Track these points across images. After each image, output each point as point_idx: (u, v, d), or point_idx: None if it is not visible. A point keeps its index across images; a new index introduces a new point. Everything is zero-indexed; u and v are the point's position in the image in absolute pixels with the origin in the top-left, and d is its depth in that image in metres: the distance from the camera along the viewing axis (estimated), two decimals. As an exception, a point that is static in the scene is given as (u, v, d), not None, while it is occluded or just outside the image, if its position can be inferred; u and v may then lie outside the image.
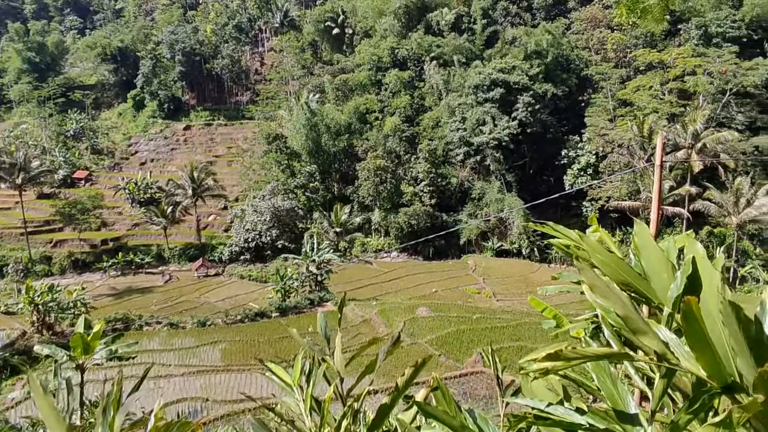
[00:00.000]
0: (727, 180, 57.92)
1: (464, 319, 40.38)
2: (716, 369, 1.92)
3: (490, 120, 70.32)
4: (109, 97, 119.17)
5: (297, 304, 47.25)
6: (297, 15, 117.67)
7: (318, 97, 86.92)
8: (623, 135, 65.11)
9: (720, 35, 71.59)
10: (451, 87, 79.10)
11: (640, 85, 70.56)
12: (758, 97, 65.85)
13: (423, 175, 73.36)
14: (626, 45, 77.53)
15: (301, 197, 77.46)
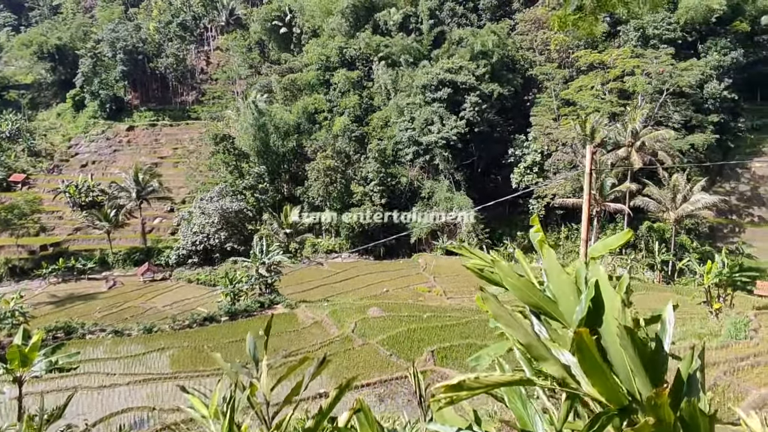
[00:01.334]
0: (664, 177, 60.11)
1: (415, 318, 40.63)
2: (612, 392, 1.99)
3: (438, 120, 71.04)
4: (47, 97, 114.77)
5: (247, 307, 46.56)
6: (243, 13, 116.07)
7: (266, 96, 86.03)
8: (567, 134, 66.78)
9: (657, 37, 74.21)
10: (400, 87, 79.52)
11: (582, 85, 72.49)
12: (693, 96, 68.56)
13: (373, 174, 73.49)
14: (569, 46, 79.48)
15: (250, 198, 76.43)
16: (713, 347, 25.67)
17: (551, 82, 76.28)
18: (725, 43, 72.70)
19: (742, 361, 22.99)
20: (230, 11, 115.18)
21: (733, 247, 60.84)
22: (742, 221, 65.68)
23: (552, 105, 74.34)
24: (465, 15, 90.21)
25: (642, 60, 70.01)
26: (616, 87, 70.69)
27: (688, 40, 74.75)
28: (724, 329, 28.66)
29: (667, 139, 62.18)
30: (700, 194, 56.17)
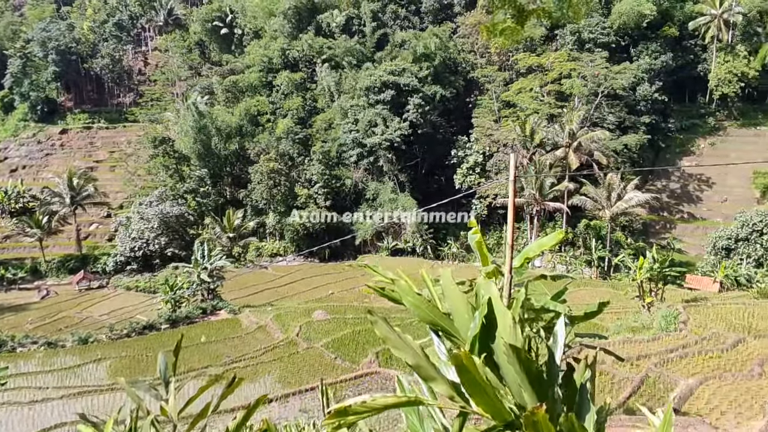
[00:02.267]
0: (600, 176, 62.17)
1: (360, 320, 40.66)
2: (495, 409, 2.05)
3: (382, 121, 71.30)
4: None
5: (188, 314, 45.57)
6: (183, 13, 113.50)
7: (207, 98, 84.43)
8: (508, 135, 68.21)
9: (592, 41, 76.67)
10: (343, 89, 79.41)
11: (521, 87, 74.16)
12: (626, 98, 71.16)
13: (317, 177, 73.16)
14: (508, 49, 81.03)
15: (192, 202, 74.75)
16: (645, 340, 26.70)
17: (492, 84, 77.71)
18: (656, 47, 75.76)
19: (671, 352, 23.98)
20: (169, 11, 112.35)
21: (665, 243, 63.45)
22: (673, 218, 68.62)
23: (493, 107, 75.78)
24: (407, 18, 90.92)
25: (578, 63, 72.21)
26: (554, 89, 72.65)
27: (622, 44, 77.53)
28: (656, 322, 29.85)
29: (602, 139, 64.33)
30: (633, 192, 58.38)
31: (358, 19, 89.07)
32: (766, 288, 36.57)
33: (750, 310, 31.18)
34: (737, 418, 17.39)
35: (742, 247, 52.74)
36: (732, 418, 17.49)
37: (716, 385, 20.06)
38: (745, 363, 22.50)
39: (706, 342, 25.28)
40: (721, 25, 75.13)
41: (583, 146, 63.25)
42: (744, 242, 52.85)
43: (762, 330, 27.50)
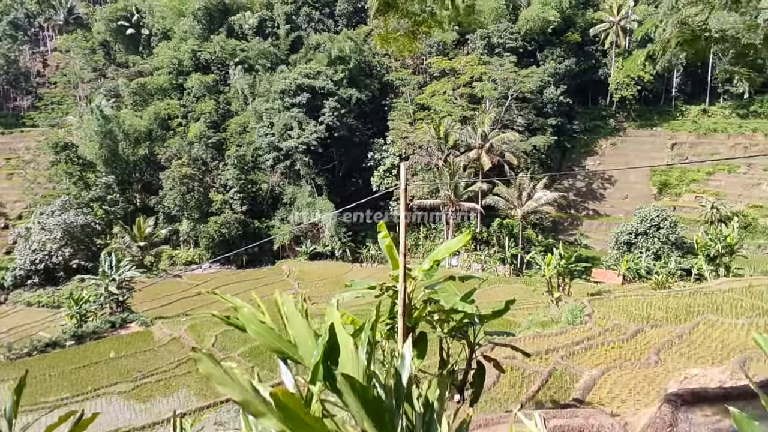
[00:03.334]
0: (512, 176, 64.30)
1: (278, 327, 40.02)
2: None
3: (298, 125, 70.70)
4: None
5: (96, 328, 43.26)
6: (84, 12, 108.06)
7: (113, 101, 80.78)
8: (423, 137, 69.29)
9: (501, 45, 79.28)
10: (258, 92, 78.13)
11: (435, 90, 75.61)
12: (534, 101, 74.06)
13: (232, 182, 71.56)
14: (422, 53, 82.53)
15: (99, 211, 71.16)
16: (553, 333, 27.75)
17: (407, 87, 78.80)
18: (560, 52, 79.33)
19: (577, 345, 25.04)
20: (69, 9, 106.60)
21: (573, 239, 66.51)
22: (580, 215, 72.01)
23: (408, 109, 76.79)
24: (322, 20, 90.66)
25: (488, 67, 74.44)
26: (466, 92, 74.52)
27: (529, 48, 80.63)
28: (563, 316, 31.14)
29: (512, 141, 66.53)
30: (542, 192, 60.74)
31: (271, 21, 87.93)
32: (662, 279, 39.04)
33: (648, 301, 33.08)
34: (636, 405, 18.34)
35: (641, 241, 55.99)
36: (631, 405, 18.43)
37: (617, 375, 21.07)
38: (644, 352, 23.80)
39: (609, 333, 26.56)
40: (619, 32, 79.71)
41: (494, 147, 65.20)
42: (643, 236, 56.12)
43: (659, 319, 29.22)
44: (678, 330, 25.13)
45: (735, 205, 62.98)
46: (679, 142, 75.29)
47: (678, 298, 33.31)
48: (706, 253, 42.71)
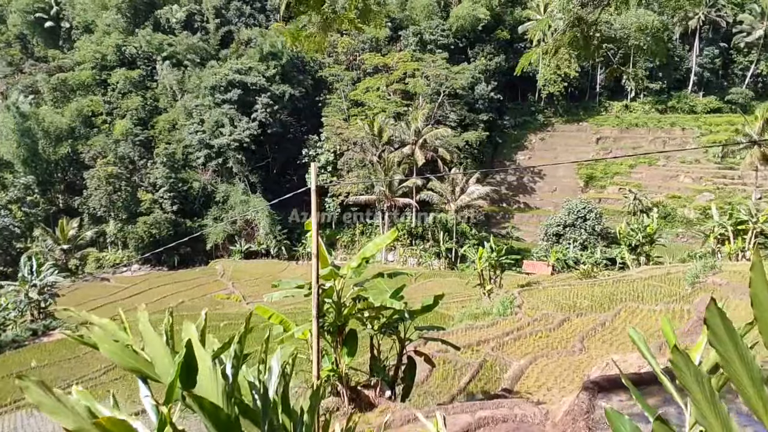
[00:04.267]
0: (445, 171, 65.22)
1: (211, 328, 39.17)
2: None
3: (229, 121, 69.36)
4: None
5: (15, 337, 41.18)
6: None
7: (32, 98, 76.75)
8: (357, 133, 69.27)
9: (433, 42, 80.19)
10: (187, 88, 76.11)
11: (369, 86, 75.74)
12: (466, 97, 75.34)
13: (162, 180, 69.45)
14: (355, 49, 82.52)
15: (18, 213, 67.57)
16: (485, 325, 28.35)
17: (340, 83, 78.58)
18: (490, 49, 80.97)
19: (507, 335, 25.67)
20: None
21: (505, 232, 68.17)
22: (511, 208, 73.87)
23: (342, 105, 76.60)
24: (253, 15, 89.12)
25: (421, 63, 75.18)
26: (400, 88, 75.03)
27: (460, 45, 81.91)
28: (495, 308, 31.85)
29: (446, 136, 67.48)
30: (474, 186, 61.94)
31: (200, 15, 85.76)
32: (588, 269, 40.60)
33: (575, 290, 34.28)
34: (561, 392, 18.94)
35: (569, 233, 58.01)
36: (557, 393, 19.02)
37: (544, 363, 21.71)
38: (569, 340, 24.63)
39: (537, 323, 27.35)
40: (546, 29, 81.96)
41: (428, 143, 65.94)
42: (571, 228, 58.16)
43: (584, 308, 30.32)
44: (601, 317, 26.14)
45: (655, 196, 66.11)
46: (604, 136, 78.37)
47: (602, 286, 34.70)
48: (628, 242, 44.71)
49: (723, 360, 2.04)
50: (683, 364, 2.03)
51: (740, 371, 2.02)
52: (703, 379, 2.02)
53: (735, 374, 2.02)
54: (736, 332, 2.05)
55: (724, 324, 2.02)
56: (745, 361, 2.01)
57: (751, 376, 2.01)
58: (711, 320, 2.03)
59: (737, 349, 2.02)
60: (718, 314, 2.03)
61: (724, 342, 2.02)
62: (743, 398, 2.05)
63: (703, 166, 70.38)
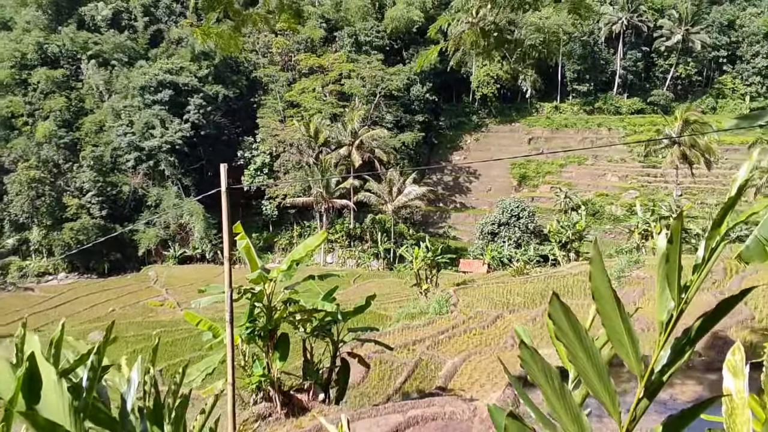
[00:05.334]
0: (382, 172, 65.54)
1: (143, 336, 38.00)
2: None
3: (160, 123, 67.43)
4: None
5: (-71, 353, 38.66)
6: None
7: (-56, 98, 72.34)
8: (293, 135, 68.65)
9: (368, 44, 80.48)
10: (115, 88, 73.50)
11: (304, 87, 75.23)
12: (402, 98, 76.00)
13: (89, 184, 66.75)
14: (290, 49, 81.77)
15: (-70, 221, 63.65)
16: (421, 325, 28.63)
17: (275, 84, 77.69)
18: (425, 51, 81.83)
19: (442, 334, 26.00)
20: None
21: (442, 232, 69.13)
22: (448, 208, 75.01)
23: (277, 107, 75.77)
24: (183, 14, 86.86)
25: (357, 64, 75.31)
26: (336, 89, 74.91)
27: (395, 47, 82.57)
28: (431, 307, 32.23)
29: (382, 137, 67.84)
30: (411, 187, 62.55)
31: (127, 13, 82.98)
32: (521, 267, 41.69)
33: (508, 287, 35.09)
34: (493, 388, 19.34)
35: (503, 231, 59.37)
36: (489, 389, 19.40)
37: (477, 360, 22.11)
38: (502, 336, 25.19)
39: (471, 321, 27.83)
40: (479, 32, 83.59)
41: (365, 144, 66.07)
42: (505, 226, 59.54)
43: (516, 305, 31.08)
44: (533, 313, 26.84)
45: (585, 194, 68.56)
46: (536, 136, 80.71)
47: (534, 283, 35.65)
48: (559, 239, 46.20)
49: (570, 354, 2.11)
50: (530, 359, 2.08)
51: (586, 364, 2.10)
52: (551, 374, 2.08)
53: (581, 367, 2.10)
54: (580, 326, 2.12)
55: (567, 318, 2.09)
56: (589, 354, 2.09)
57: (597, 369, 2.09)
58: (554, 315, 2.10)
59: (582, 343, 2.09)
60: (561, 308, 2.10)
61: (569, 336, 2.10)
62: (591, 391, 2.14)
63: (628, 165, 73.52)
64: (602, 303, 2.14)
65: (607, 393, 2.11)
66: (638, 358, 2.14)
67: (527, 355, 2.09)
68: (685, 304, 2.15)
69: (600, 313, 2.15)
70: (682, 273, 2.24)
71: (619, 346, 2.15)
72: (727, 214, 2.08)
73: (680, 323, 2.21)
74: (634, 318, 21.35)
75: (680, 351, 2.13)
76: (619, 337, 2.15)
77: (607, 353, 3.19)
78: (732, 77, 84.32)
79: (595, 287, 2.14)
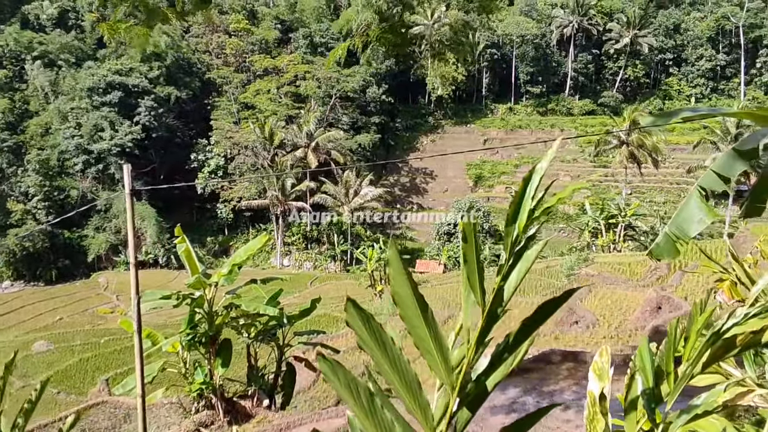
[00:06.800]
0: (338, 174, 65.30)
1: (91, 345, 36.94)
2: None
3: (110, 125, 65.66)
4: None
5: None
6: None
7: None
8: (248, 137, 67.81)
9: (323, 45, 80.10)
10: (62, 90, 71.26)
11: (259, 89, 74.37)
12: (357, 100, 75.89)
13: (35, 189, 64.47)
14: (244, 50, 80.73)
15: None
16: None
17: (229, 85, 76.60)
18: (380, 53, 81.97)
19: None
20: None
21: (399, 233, 69.23)
22: (405, 209, 75.19)
23: (232, 108, 74.73)
24: (133, 14, 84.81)
25: (312, 66, 74.86)
26: (291, 91, 74.31)
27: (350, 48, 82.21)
28: (385, 308, 32.22)
29: (338, 139, 67.66)
30: (368, 188, 62.49)
31: (74, 13, 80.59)
32: (475, 266, 41.99)
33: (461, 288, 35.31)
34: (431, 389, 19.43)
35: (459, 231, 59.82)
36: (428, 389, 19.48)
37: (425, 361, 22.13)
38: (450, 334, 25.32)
39: (424, 321, 27.90)
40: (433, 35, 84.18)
41: (320, 146, 65.75)
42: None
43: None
44: (484, 312, 27.10)
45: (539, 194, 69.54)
46: (491, 137, 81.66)
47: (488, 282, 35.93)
48: (512, 239, 46.67)
49: (376, 365, 2.04)
50: (330, 371, 2.00)
51: (393, 377, 2.02)
52: (357, 386, 2.00)
53: (388, 377, 2.03)
54: (385, 335, 2.05)
55: (367, 326, 2.02)
56: (396, 365, 2.02)
57: (405, 380, 2.01)
58: (353, 323, 2.01)
59: (387, 353, 2.02)
60: (358, 316, 2.02)
61: (371, 346, 2.01)
62: (404, 403, 2.05)
63: (580, 165, 75.08)
64: (405, 309, 2.06)
65: (418, 406, 2.03)
66: (449, 368, 2.07)
67: (327, 369, 1.99)
68: (498, 310, 2.08)
69: (404, 320, 2.09)
70: (484, 275, 2.18)
71: (428, 355, 2.08)
72: (522, 207, 2.03)
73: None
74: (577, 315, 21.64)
75: (499, 359, 2.08)
76: (426, 345, 2.08)
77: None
78: (678, 79, 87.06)
79: (395, 291, 2.06)
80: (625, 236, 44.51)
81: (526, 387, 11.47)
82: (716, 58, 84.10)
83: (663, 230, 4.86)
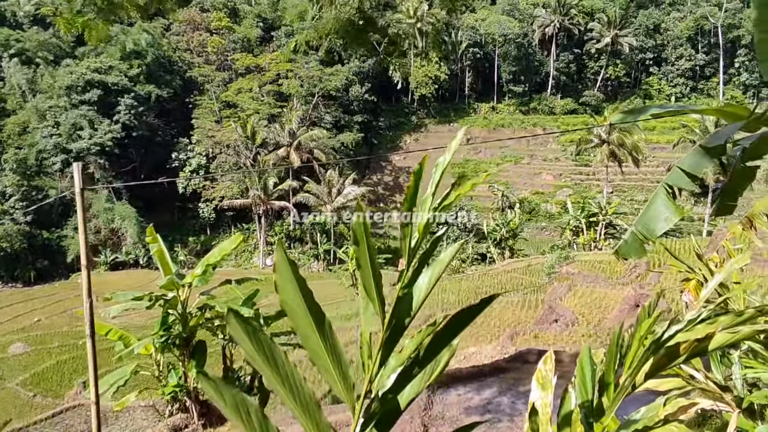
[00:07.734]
0: (321, 173, 65.06)
1: (69, 347, 36.48)
2: None
3: (89, 124, 64.78)
4: None
5: None
6: None
7: None
8: (230, 136, 67.30)
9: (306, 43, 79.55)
10: (39, 88, 70.21)
11: (241, 87, 73.85)
12: (340, 99, 75.63)
13: (12, 189, 63.52)
14: (226, 48, 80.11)
15: None
16: (354, 326, 28.49)
17: (211, 84, 76.00)
18: (363, 52, 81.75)
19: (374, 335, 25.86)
20: None
21: (383, 232, 69.12)
22: (388, 208, 75.09)
23: (214, 107, 74.14)
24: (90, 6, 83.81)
25: (294, 64, 74.49)
26: (273, 89, 73.90)
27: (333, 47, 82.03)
28: (367, 308, 32.11)
29: (321, 138, 67.38)
30: (351, 187, 62.34)
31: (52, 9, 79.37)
32: (456, 265, 42.10)
33: (444, 286, 35.37)
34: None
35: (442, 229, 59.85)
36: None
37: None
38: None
39: (405, 321, 27.82)
40: (416, 34, 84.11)
41: (303, 145, 65.46)
42: (443, 225, 60.03)
43: (451, 303, 31.38)
44: (464, 312, 27.10)
45: (521, 193, 69.94)
46: (474, 136, 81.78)
47: (469, 281, 36.03)
48: (494, 237, 46.90)
49: (267, 381, 1.92)
50: (214, 391, 1.85)
51: (286, 395, 1.87)
52: (247, 407, 1.85)
53: (281, 396, 1.89)
54: (276, 349, 1.91)
55: (253, 339, 1.87)
56: (289, 382, 1.87)
57: (300, 400, 1.87)
58: (237, 335, 1.84)
59: (277, 370, 1.86)
60: (242, 329, 1.86)
61: (258, 361, 1.85)
62: (299, 422, 1.91)
63: (562, 164, 75.51)
64: (296, 320, 1.92)
65: (316, 426, 1.90)
66: (348, 386, 1.96)
67: (210, 388, 1.84)
68: (406, 320, 1.97)
69: (296, 332, 1.95)
70: (382, 281, 2.08)
71: (325, 372, 1.95)
72: (414, 203, 1.93)
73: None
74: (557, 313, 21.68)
75: (408, 374, 1.97)
76: (323, 362, 1.94)
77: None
78: (658, 79, 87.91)
79: (283, 301, 1.87)
80: (605, 234, 44.83)
81: (501, 387, 11.44)
82: (695, 58, 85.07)
83: (630, 229, 4.82)
